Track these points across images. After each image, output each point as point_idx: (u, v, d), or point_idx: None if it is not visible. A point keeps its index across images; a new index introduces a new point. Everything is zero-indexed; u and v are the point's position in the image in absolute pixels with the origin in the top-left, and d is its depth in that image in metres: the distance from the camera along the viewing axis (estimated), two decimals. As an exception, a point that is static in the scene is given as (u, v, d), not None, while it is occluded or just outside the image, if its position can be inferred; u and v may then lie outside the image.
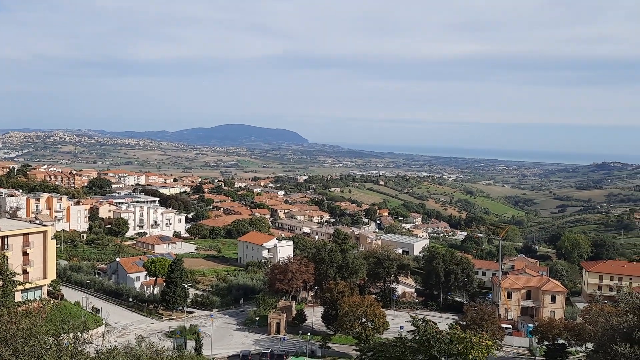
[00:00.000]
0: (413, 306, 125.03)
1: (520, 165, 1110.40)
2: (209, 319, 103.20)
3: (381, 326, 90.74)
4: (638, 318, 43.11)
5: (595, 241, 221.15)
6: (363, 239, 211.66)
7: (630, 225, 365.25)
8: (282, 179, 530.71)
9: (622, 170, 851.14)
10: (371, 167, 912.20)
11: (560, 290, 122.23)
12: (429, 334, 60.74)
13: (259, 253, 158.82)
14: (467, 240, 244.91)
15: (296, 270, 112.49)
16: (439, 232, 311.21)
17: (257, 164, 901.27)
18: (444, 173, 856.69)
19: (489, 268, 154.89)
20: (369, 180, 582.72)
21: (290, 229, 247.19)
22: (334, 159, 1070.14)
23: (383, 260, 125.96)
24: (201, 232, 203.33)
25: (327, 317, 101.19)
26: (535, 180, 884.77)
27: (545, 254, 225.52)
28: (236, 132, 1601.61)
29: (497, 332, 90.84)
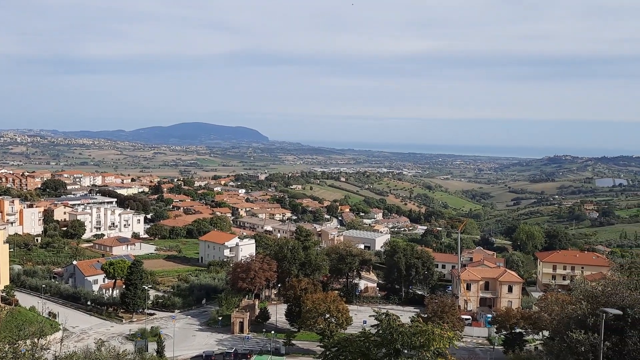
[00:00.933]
0: (376, 300, 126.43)
1: (476, 160, 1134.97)
2: (170, 320, 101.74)
3: (345, 321, 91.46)
4: (591, 305, 44.79)
5: (548, 232, 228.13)
6: (325, 235, 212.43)
7: (581, 216, 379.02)
8: (242, 177, 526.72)
9: (572, 164, 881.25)
10: (332, 164, 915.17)
11: (516, 280, 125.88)
12: (392, 327, 61.37)
13: (221, 252, 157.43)
14: (427, 234, 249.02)
15: (259, 268, 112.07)
16: (399, 227, 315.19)
17: (217, 162, 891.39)
18: (404, 169, 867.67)
19: (449, 261, 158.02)
20: (330, 177, 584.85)
21: (252, 227, 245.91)
22: (295, 156, 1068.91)
23: (345, 256, 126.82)
24: (161, 232, 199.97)
25: (290, 314, 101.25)
26: (491, 174, 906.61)
27: (502, 246, 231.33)
28: (195, 131, 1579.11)
29: (458, 323, 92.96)
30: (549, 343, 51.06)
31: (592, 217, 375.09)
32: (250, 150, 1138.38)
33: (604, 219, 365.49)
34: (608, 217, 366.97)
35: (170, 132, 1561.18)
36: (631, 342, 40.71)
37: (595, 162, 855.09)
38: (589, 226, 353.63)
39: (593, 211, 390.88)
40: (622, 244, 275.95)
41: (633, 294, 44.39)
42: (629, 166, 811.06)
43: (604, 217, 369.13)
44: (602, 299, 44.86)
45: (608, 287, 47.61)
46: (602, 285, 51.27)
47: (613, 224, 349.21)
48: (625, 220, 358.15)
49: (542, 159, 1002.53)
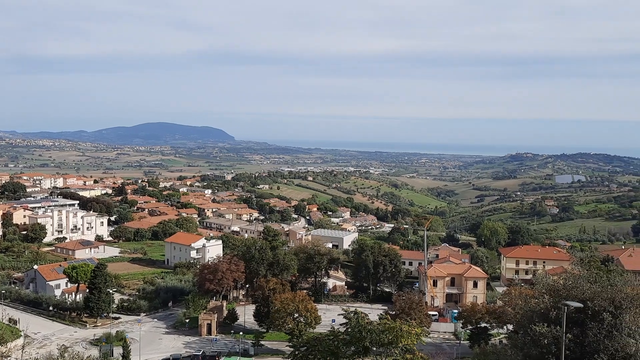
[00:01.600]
0: (344, 299, 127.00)
1: (441, 158, 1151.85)
2: (136, 324, 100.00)
3: (313, 321, 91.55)
4: (553, 299, 45.91)
5: (511, 228, 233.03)
6: (293, 235, 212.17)
7: (542, 212, 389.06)
8: (208, 178, 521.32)
9: (533, 161, 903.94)
10: (299, 163, 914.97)
11: (481, 276, 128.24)
12: (360, 325, 61.85)
13: (187, 254, 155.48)
14: (394, 232, 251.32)
15: (226, 269, 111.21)
16: (367, 225, 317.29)
17: (183, 162, 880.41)
18: (370, 167, 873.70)
19: (416, 258, 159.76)
20: (298, 176, 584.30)
21: (219, 228, 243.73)
22: (262, 155, 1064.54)
23: (313, 255, 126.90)
24: (125, 234, 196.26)
25: (259, 314, 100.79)
26: (455, 172, 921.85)
27: (467, 242, 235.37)
28: (159, 131, 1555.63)
29: (425, 320, 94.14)
30: (513, 337, 52.16)
31: (552, 213, 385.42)
32: (217, 150, 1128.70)
33: (563, 214, 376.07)
34: (568, 212, 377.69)
35: (134, 133, 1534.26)
36: (591, 333, 41.94)
37: (555, 159, 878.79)
38: (549, 222, 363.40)
39: (553, 207, 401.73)
40: (581, 238, 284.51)
41: (593, 287, 45.72)
42: (587, 163, 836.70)
43: (564, 212, 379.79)
44: (563, 293, 46.05)
45: (569, 281, 48.89)
46: (564, 279, 52.64)
47: (572, 219, 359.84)
48: (584, 215, 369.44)
49: (505, 157, 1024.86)
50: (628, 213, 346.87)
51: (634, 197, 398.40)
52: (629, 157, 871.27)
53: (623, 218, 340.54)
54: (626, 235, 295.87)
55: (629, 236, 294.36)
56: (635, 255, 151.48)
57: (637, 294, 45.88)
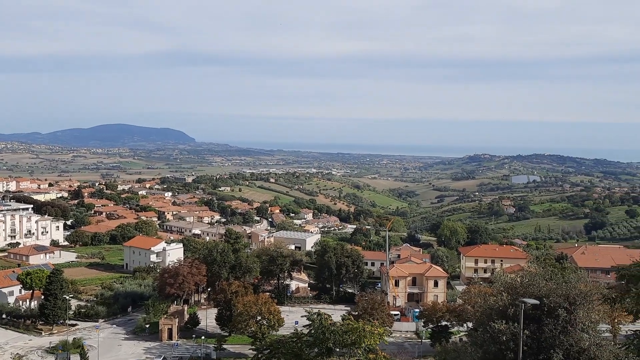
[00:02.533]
0: (307, 301, 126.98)
1: (402, 159, 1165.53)
2: (94, 330, 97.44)
3: (276, 323, 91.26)
4: (511, 296, 47.04)
5: (470, 228, 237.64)
6: (255, 237, 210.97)
7: (499, 212, 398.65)
8: (168, 180, 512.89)
9: (491, 162, 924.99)
10: (261, 165, 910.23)
11: (442, 275, 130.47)
12: (323, 326, 61.95)
13: (147, 258, 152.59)
14: (356, 232, 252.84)
15: (187, 273, 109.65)
16: (329, 227, 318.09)
17: (142, 165, 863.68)
18: (333, 169, 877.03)
19: (378, 258, 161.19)
20: (260, 178, 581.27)
21: (179, 231, 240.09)
22: (223, 157, 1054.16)
23: (276, 258, 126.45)
24: (82, 239, 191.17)
25: (221, 318, 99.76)
26: (416, 173, 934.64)
27: (428, 242, 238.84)
28: (117, 133, 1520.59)
29: (387, 319, 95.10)
30: (473, 334, 53.25)
31: (509, 212, 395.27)
32: (177, 152, 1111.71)
33: (520, 213, 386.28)
34: (524, 212, 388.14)
35: (91, 134, 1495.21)
36: (547, 329, 43.20)
37: (512, 160, 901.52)
38: (506, 221, 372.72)
39: (510, 206, 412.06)
40: (536, 237, 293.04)
41: (548, 284, 47.10)
42: (542, 163, 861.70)
43: (520, 212, 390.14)
44: (520, 290, 47.28)
45: (526, 279, 50.23)
46: (520, 276, 54.03)
47: (528, 218, 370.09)
48: (539, 214, 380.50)
49: (463, 158, 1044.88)
50: (580, 212, 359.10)
51: (585, 196, 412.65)
52: (581, 157, 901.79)
53: (576, 217, 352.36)
54: (579, 234, 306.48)
55: (581, 234, 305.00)
56: (588, 252, 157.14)
57: (589, 290, 47.56)
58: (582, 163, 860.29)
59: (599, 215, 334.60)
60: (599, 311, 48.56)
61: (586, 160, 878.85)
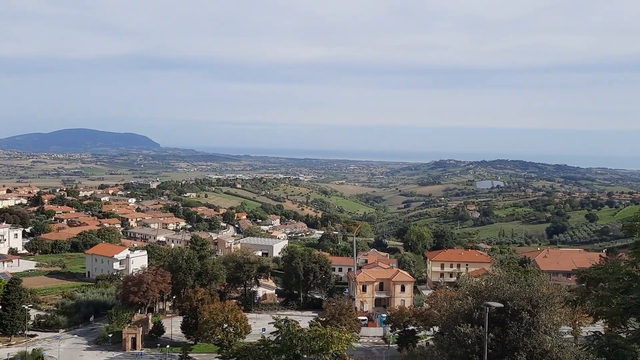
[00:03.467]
0: (274, 307, 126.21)
1: (369, 165, 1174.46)
2: (55, 340, 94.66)
3: (243, 330, 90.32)
4: (476, 300, 47.58)
5: (436, 232, 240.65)
6: (222, 243, 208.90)
7: (464, 217, 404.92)
8: (132, 186, 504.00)
9: (456, 167, 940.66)
10: (227, 171, 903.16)
11: (408, 280, 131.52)
12: (291, 333, 61.68)
13: (110, 265, 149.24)
14: (324, 238, 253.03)
15: (152, 280, 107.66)
16: (297, 232, 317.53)
17: (105, 170, 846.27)
18: (300, 174, 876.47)
19: (345, 264, 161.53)
20: (226, 183, 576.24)
21: (143, 238, 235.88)
22: (188, 163, 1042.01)
23: (243, 264, 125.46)
24: (42, 247, 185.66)
25: (187, 326, 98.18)
26: (383, 178, 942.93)
27: (395, 247, 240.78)
28: (79, 137, 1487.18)
29: (355, 325, 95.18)
30: (439, 338, 53.58)
31: (474, 217, 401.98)
32: (141, 157, 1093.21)
33: (484, 218, 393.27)
34: (488, 216, 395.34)
35: (52, 139, 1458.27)
36: (511, 332, 43.81)
37: (476, 165, 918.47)
38: (471, 225, 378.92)
39: (475, 211, 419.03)
40: (500, 241, 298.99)
41: (512, 287, 47.81)
42: (505, 169, 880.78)
43: (485, 216, 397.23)
44: (485, 294, 47.85)
45: (490, 282, 50.86)
46: (485, 280, 54.74)
47: (492, 223, 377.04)
48: (503, 219, 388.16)
49: (429, 163, 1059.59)
50: (542, 216, 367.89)
51: (547, 201, 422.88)
52: (542, 163, 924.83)
53: (538, 221, 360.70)
54: (541, 237, 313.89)
55: (543, 238, 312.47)
56: (550, 256, 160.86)
57: (551, 293, 48.52)
58: (544, 168, 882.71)
59: (560, 220, 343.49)
60: (561, 313, 49.60)
61: (548, 166, 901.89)
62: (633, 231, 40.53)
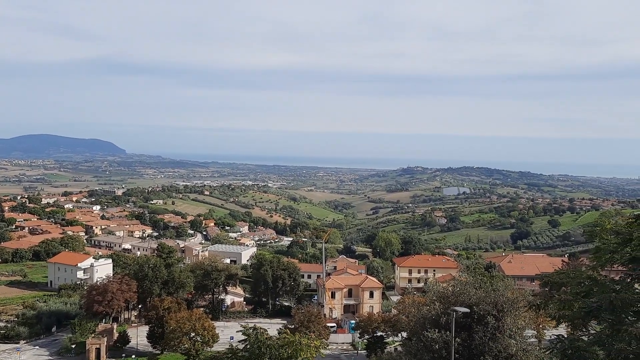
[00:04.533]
0: (243, 315, 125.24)
1: (338, 172, 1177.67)
2: (15, 352, 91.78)
3: (211, 339, 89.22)
4: (443, 305, 48.19)
5: (404, 238, 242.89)
6: (189, 251, 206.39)
7: (431, 223, 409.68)
8: (97, 193, 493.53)
9: (423, 174, 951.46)
10: (195, 177, 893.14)
11: (377, 286, 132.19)
12: (259, 341, 61.30)
13: (74, 274, 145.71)
14: (293, 245, 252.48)
15: (117, 289, 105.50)
16: (265, 240, 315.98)
17: (68, 177, 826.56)
18: (269, 181, 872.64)
19: (314, 271, 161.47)
20: (194, 190, 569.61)
21: (108, 246, 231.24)
22: (155, 169, 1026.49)
23: (211, 272, 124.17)
24: (2, 255, 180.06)
25: (153, 336, 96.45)
26: (352, 185, 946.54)
27: (363, 253, 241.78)
28: (42, 143, 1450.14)
29: (324, 332, 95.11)
30: (407, 343, 54.06)
31: (441, 223, 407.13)
32: (106, 164, 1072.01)
33: (451, 224, 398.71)
34: (454, 222, 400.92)
35: (13, 145, 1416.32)
36: (477, 336, 44.51)
37: (443, 172, 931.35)
38: (439, 231, 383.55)
39: (442, 217, 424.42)
40: (467, 246, 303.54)
41: (478, 292, 48.62)
42: (471, 176, 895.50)
43: (451, 222, 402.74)
44: (452, 299, 48.53)
45: (457, 287, 51.61)
46: (452, 285, 55.51)
47: (459, 229, 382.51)
48: (469, 225, 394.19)
49: (397, 170, 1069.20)
50: (507, 222, 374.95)
51: (512, 207, 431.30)
52: (507, 170, 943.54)
53: (503, 227, 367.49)
54: (506, 243, 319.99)
55: (508, 243, 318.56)
56: (514, 261, 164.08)
57: (516, 297, 49.51)
58: (508, 175, 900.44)
59: (524, 225, 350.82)
60: (525, 317, 50.59)
61: (512, 173, 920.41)
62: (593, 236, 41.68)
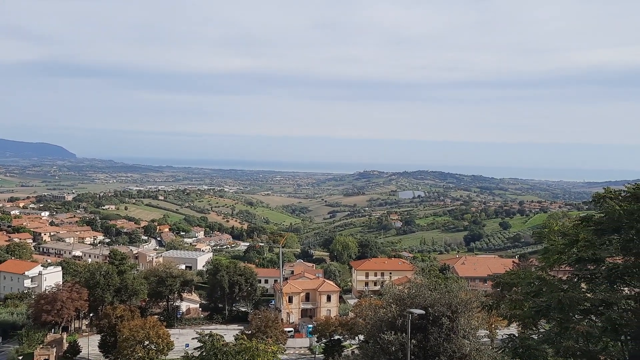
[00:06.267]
0: (199, 322, 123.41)
1: (295, 176, 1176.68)
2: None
3: (166, 347, 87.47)
4: (399, 307, 48.77)
5: (361, 242, 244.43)
6: (143, 257, 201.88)
7: (387, 226, 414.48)
8: (46, 199, 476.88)
9: (379, 178, 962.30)
10: (149, 182, 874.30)
11: (334, 289, 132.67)
12: (215, 348, 60.47)
13: (20, 283, 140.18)
14: (250, 250, 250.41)
15: (67, 298, 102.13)
16: (222, 245, 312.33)
17: (15, 182, 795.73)
18: (225, 185, 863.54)
19: (272, 275, 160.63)
20: (148, 195, 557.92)
21: (58, 253, 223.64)
22: (107, 174, 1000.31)
23: (165, 278, 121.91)
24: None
25: (105, 345, 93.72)
26: (309, 189, 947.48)
27: (321, 257, 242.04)
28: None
29: (281, 336, 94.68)
30: (364, 346, 54.46)
31: (397, 226, 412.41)
32: (55, 168, 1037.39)
33: (406, 227, 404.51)
34: (410, 225, 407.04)
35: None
36: (432, 337, 45.25)
37: (398, 176, 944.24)
38: (394, 234, 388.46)
39: (398, 221, 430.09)
40: (422, 249, 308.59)
41: (433, 294, 49.43)
42: (425, 179, 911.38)
43: (407, 225, 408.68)
44: (408, 301, 49.16)
45: (412, 290, 52.34)
46: (408, 288, 56.27)
47: (414, 232, 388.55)
48: (424, 227, 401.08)
49: (354, 174, 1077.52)
50: (460, 225, 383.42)
51: (465, 210, 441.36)
52: (460, 174, 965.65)
53: (456, 229, 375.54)
54: (459, 245, 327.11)
55: (461, 246, 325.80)
56: (467, 263, 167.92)
57: (469, 298, 50.63)
58: (461, 179, 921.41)
59: (477, 228, 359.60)
60: (478, 318, 51.78)
61: (465, 176, 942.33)
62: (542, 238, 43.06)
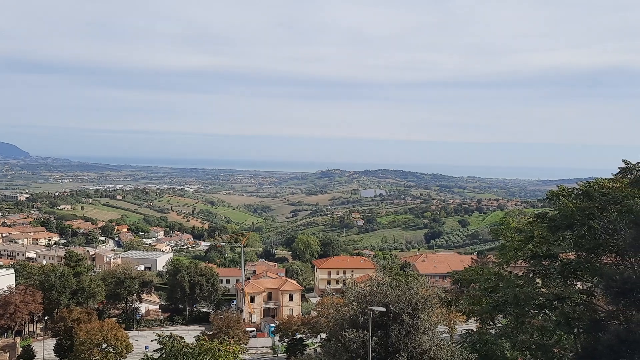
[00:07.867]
0: (159, 323, 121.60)
1: (257, 175, 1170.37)
2: None
3: (124, 350, 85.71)
4: (361, 305, 49.05)
5: (323, 241, 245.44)
6: (100, 259, 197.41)
7: (349, 224, 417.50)
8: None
9: (341, 177, 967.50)
10: (106, 181, 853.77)
11: (296, 288, 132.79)
12: (175, 349, 59.75)
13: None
14: (211, 250, 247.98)
15: (20, 301, 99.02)
16: (182, 245, 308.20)
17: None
18: (185, 185, 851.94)
19: (233, 275, 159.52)
20: (105, 195, 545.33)
21: (10, 256, 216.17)
22: (63, 173, 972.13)
23: (124, 280, 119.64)
24: None
25: (61, 349, 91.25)
26: (271, 188, 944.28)
27: (283, 256, 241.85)
28: None
29: (243, 337, 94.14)
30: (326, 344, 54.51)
31: (358, 225, 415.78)
32: (8, 167, 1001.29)
33: (368, 225, 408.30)
34: (371, 224, 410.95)
35: None
36: (393, 334, 45.63)
37: (360, 175, 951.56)
38: (356, 233, 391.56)
39: (359, 219, 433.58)
40: (383, 247, 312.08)
41: (394, 291, 49.82)
42: (387, 178, 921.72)
43: (368, 224, 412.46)
44: (369, 299, 49.42)
45: (374, 287, 52.62)
46: (369, 285, 56.60)
47: (376, 230, 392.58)
48: (385, 226, 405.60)
49: (316, 173, 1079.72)
50: (421, 222, 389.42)
51: (425, 208, 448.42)
52: (420, 172, 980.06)
53: (417, 227, 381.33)
54: (420, 243, 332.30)
55: (422, 243, 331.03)
56: (428, 260, 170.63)
57: (429, 295, 51.37)
58: (422, 177, 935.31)
59: (437, 225, 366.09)
60: (438, 314, 52.67)
61: (425, 175, 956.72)
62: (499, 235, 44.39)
